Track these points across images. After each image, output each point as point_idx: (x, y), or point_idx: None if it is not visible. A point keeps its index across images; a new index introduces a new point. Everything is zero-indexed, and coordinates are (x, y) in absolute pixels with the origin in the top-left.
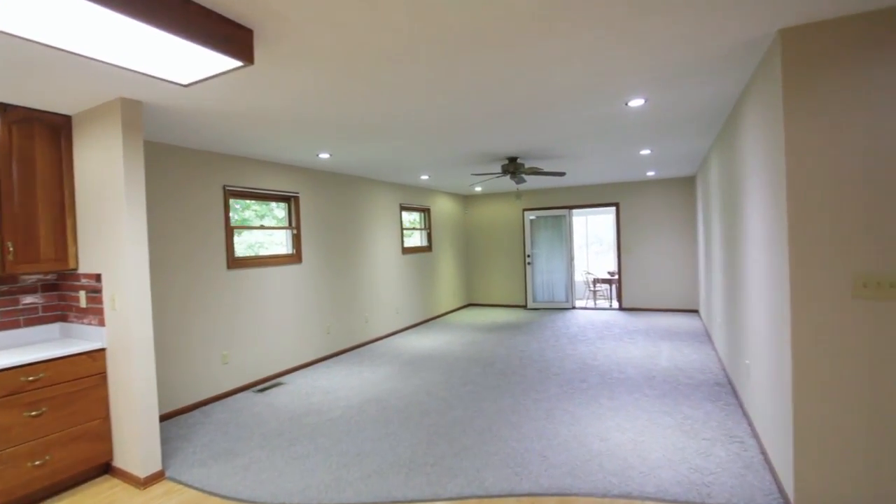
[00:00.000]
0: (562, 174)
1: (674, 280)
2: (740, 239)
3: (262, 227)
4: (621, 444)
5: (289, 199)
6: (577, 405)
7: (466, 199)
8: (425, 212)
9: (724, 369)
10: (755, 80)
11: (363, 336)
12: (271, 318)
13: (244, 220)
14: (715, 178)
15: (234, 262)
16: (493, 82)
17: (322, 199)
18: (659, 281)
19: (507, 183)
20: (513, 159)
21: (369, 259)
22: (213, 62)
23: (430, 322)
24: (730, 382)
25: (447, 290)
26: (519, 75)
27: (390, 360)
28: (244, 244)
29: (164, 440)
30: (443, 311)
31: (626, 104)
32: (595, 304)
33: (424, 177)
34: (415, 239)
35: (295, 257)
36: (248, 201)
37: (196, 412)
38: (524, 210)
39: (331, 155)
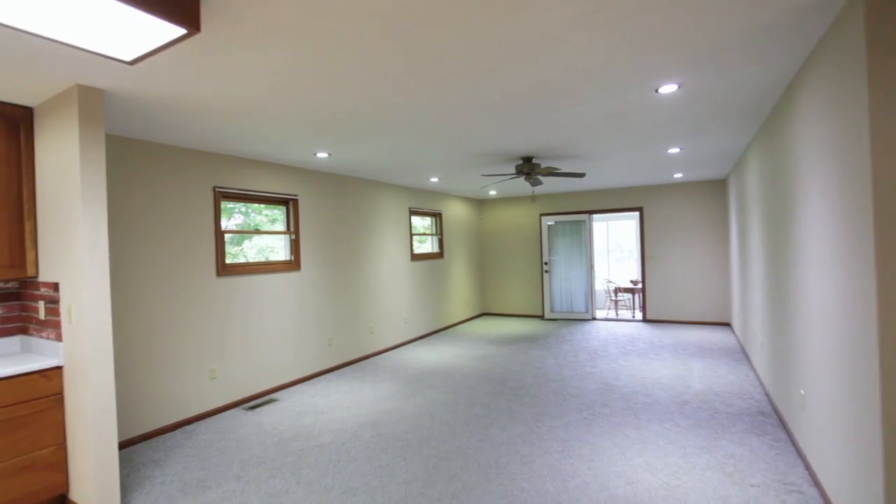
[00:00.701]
0: (581, 175)
1: (703, 290)
2: (791, 251)
3: (257, 232)
4: (652, 490)
5: (287, 203)
6: (598, 435)
7: (481, 204)
8: (437, 216)
9: (767, 395)
10: (817, 54)
11: (368, 348)
12: (266, 330)
13: (251, 223)
14: (754, 180)
15: (225, 269)
16: (498, 58)
17: (323, 202)
18: (686, 291)
19: (522, 186)
20: (527, 159)
21: (376, 266)
22: (156, 32)
23: (441, 333)
24: (776, 412)
25: (459, 298)
26: (527, 50)
27: (395, 374)
28: (254, 249)
29: (137, 466)
30: (455, 320)
31: (657, 90)
32: (617, 314)
33: (434, 179)
34: (425, 245)
35: (293, 264)
36: (248, 204)
37: (178, 432)
38: (541, 215)
39: (329, 154)
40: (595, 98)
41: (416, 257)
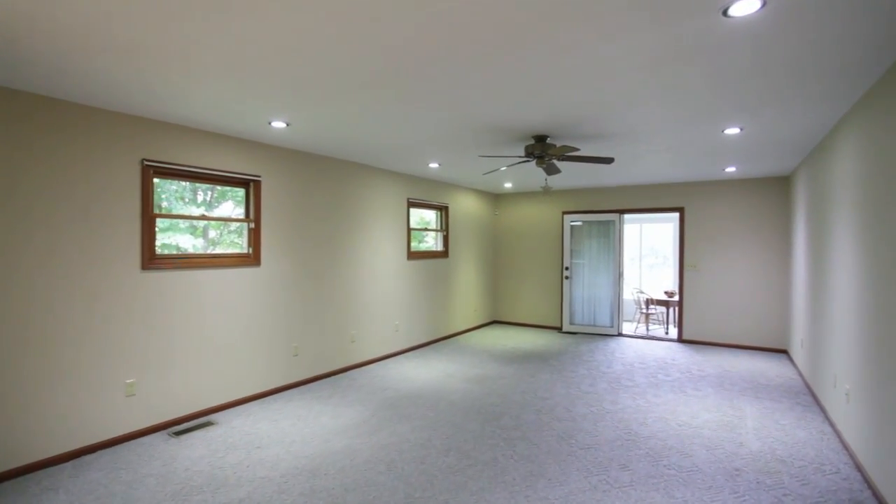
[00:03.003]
0: (608, 161)
1: (754, 309)
2: None
3: (203, 218)
4: None
5: (247, 184)
6: None
7: (496, 199)
8: (442, 210)
9: (859, 469)
10: None
11: (346, 359)
12: (210, 336)
13: (210, 208)
14: (849, 172)
15: (154, 262)
16: None
17: (295, 185)
18: (733, 309)
19: (537, 176)
20: (540, 139)
21: (363, 263)
22: None
23: (440, 344)
24: (880, 502)
25: (466, 304)
26: None
27: (368, 396)
28: (222, 241)
29: None
30: (459, 329)
31: (725, 12)
32: (648, 330)
33: (434, 165)
34: (427, 242)
35: (250, 258)
36: (200, 185)
37: (69, 465)
38: (564, 213)
39: (288, 124)
40: (632, 24)
41: (414, 255)
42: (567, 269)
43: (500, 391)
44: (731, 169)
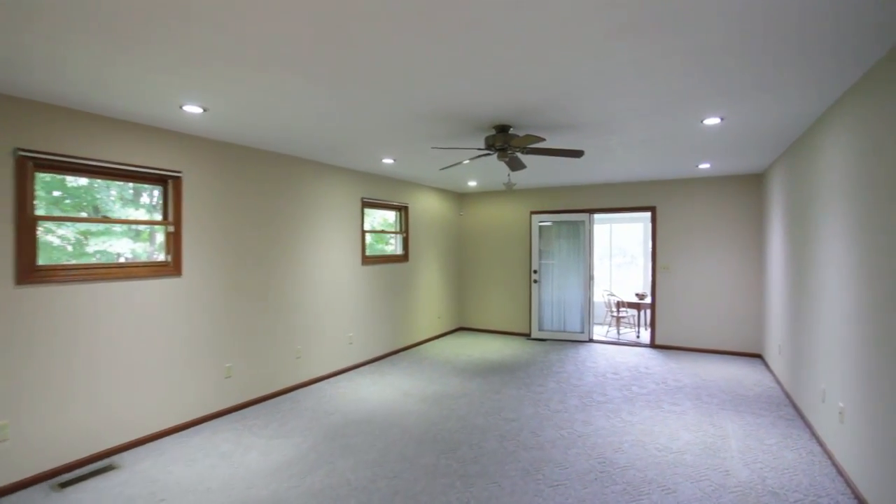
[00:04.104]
0: (578, 154)
1: (728, 313)
2: None
3: (104, 220)
4: None
5: (164, 181)
6: None
7: (461, 198)
8: (401, 210)
9: (859, 500)
10: None
11: (290, 378)
12: (115, 361)
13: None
14: (839, 164)
15: (35, 275)
16: None
17: (225, 183)
18: (707, 312)
19: (503, 173)
20: (502, 129)
21: (310, 271)
22: None
23: (400, 355)
24: None
25: (429, 311)
26: None
27: (310, 423)
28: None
29: None
30: (421, 338)
31: None
32: (618, 334)
33: (388, 160)
34: (388, 245)
35: (169, 267)
36: (111, 182)
37: None
38: (532, 213)
39: (205, 109)
40: None
41: (370, 260)
42: (535, 272)
43: (460, 413)
44: (705, 165)
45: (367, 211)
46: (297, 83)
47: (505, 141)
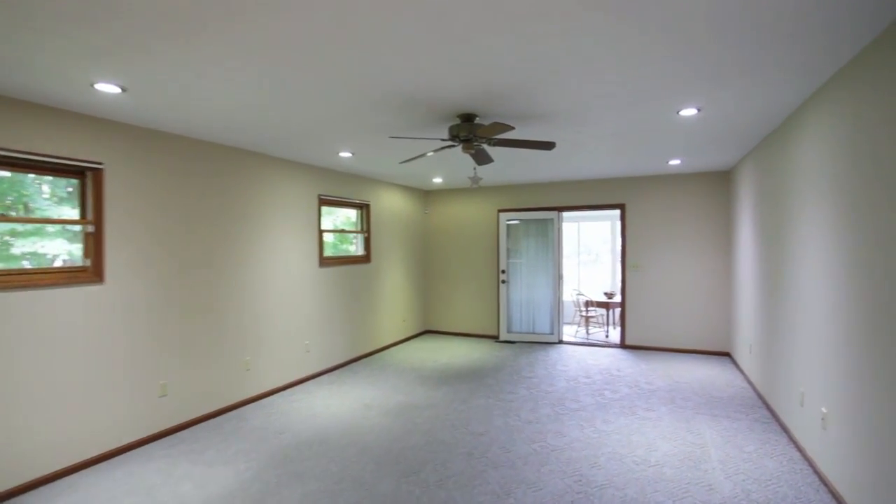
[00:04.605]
0: (549, 146)
1: (697, 311)
2: None
3: (5, 220)
4: None
5: (82, 174)
6: None
7: (426, 196)
8: (363, 209)
9: None
10: None
11: (238, 393)
12: (16, 384)
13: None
14: (820, 157)
15: None
16: None
17: (157, 178)
18: (676, 311)
19: (469, 168)
20: (467, 118)
21: (260, 274)
22: None
23: (362, 362)
24: None
25: (393, 314)
26: None
27: (257, 445)
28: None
29: None
30: (385, 343)
31: None
32: (588, 334)
33: (345, 154)
34: (349, 245)
35: (87, 273)
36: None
37: None
38: (500, 211)
39: (124, 88)
40: None
41: (328, 262)
42: (503, 271)
43: (425, 427)
44: (675, 162)
45: (328, 209)
46: (224, 59)
47: (470, 131)
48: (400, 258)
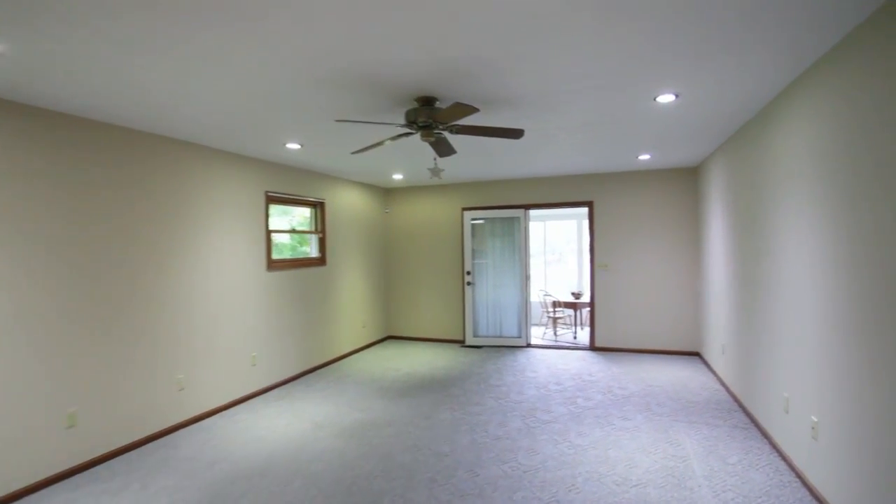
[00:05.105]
0: (517, 134)
1: (666, 311)
2: None
3: None
4: None
5: None
6: None
7: (387, 194)
8: (317, 207)
9: None
10: None
11: (168, 417)
12: None
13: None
14: (803, 147)
15: None
16: None
17: (54, 168)
18: (646, 311)
19: (427, 161)
20: (427, 102)
21: (197, 280)
22: None
23: (317, 373)
24: None
25: (352, 320)
26: None
27: (183, 482)
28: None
29: None
30: (343, 351)
31: None
32: (556, 335)
33: (293, 145)
34: (306, 247)
35: None
36: None
37: None
38: (464, 209)
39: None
40: None
41: (277, 265)
42: (469, 273)
43: (383, 449)
44: (644, 157)
45: (284, 208)
46: (128, 20)
47: (429, 115)
48: (359, 260)
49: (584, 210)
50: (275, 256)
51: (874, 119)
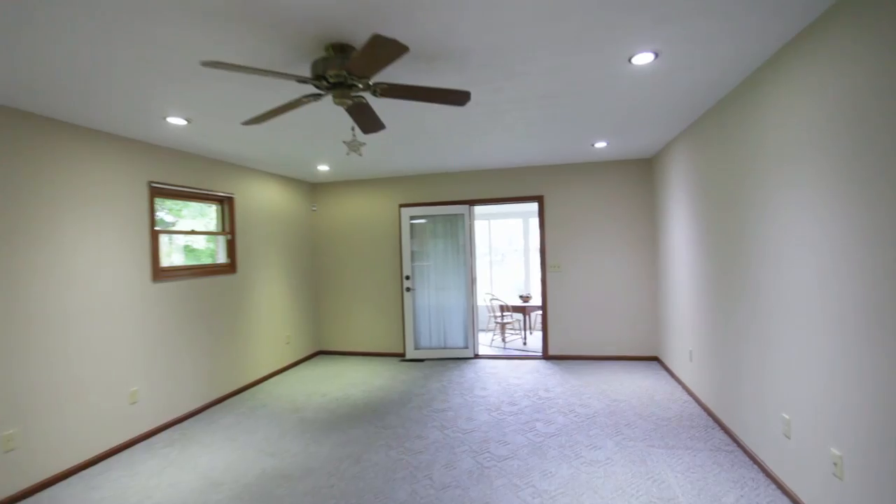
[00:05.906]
0: (462, 99)
1: (623, 314)
2: None
3: None
4: None
5: None
6: None
7: (313, 189)
8: (224, 203)
9: None
10: None
11: (3, 488)
12: None
13: None
14: (802, 122)
15: None
16: None
17: None
18: (601, 314)
19: (371, 159)
20: (342, 49)
21: (48, 296)
22: None
23: (228, 403)
24: None
25: (273, 336)
26: None
27: None
28: None
29: None
30: (263, 373)
31: None
32: (504, 342)
33: (177, 120)
34: (198, 252)
35: None
36: None
37: None
38: (401, 206)
39: None
40: None
41: (167, 274)
42: (408, 277)
43: None
44: (601, 144)
45: (182, 203)
46: None
47: (342, 65)
48: (281, 265)
49: (533, 207)
50: (164, 263)
51: (886, 82)
